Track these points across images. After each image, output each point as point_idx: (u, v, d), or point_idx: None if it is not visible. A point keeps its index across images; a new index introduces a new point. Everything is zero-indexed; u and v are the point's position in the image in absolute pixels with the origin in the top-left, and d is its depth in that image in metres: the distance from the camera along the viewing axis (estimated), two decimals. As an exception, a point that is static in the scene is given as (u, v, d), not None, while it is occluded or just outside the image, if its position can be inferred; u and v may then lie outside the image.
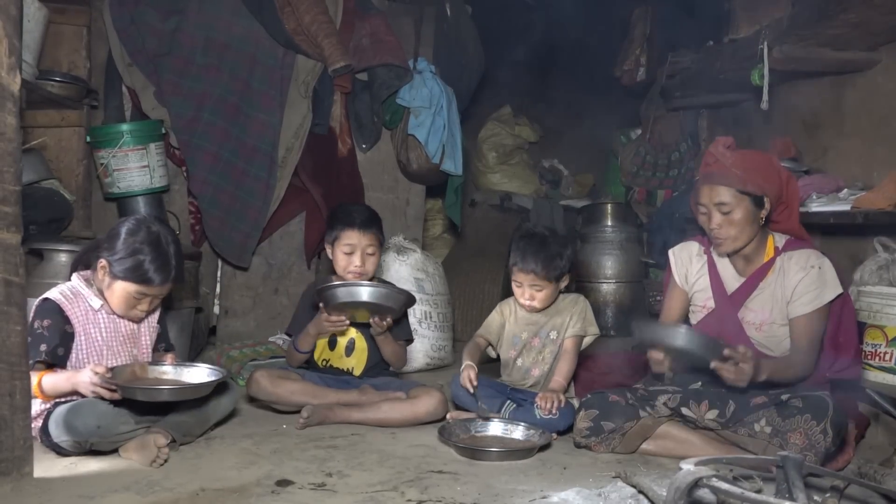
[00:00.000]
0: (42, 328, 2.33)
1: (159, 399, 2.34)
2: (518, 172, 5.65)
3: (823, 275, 2.51)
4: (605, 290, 4.78)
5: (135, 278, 2.39)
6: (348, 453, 2.42)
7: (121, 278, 2.39)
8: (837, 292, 2.51)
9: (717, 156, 2.55)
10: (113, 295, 2.42)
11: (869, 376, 2.69)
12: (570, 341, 2.87)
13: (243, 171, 3.88)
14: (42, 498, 1.94)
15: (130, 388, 2.27)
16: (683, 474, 1.67)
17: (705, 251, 2.73)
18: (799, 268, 2.53)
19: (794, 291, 2.51)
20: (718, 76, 3.91)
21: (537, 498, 2.06)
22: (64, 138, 3.78)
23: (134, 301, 2.43)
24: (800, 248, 2.58)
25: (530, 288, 2.83)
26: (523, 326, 2.91)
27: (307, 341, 2.91)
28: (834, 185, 3.21)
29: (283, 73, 3.95)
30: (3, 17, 1.95)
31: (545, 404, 2.66)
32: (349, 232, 2.91)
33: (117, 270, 2.39)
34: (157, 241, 2.42)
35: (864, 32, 3.02)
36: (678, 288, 2.77)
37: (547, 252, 2.78)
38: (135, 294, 2.42)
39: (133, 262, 2.38)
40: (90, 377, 2.23)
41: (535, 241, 2.81)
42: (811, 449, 2.25)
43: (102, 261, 2.41)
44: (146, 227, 2.44)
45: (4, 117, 1.97)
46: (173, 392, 2.35)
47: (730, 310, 2.62)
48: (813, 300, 2.49)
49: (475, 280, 4.55)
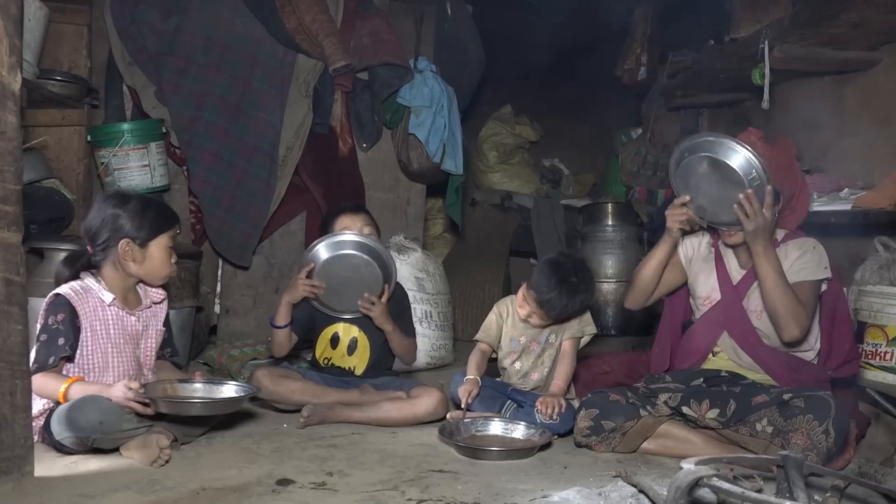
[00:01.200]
0: (57, 323, 2.33)
1: (191, 413, 2.37)
2: (519, 172, 5.65)
3: (818, 254, 2.57)
4: (605, 290, 4.78)
5: (164, 225, 2.49)
6: (349, 452, 2.42)
7: (154, 236, 2.45)
8: (828, 275, 2.56)
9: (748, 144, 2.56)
10: (154, 262, 2.47)
11: (869, 376, 2.70)
12: (569, 343, 2.87)
13: (244, 170, 3.88)
14: (43, 497, 1.94)
15: (165, 402, 2.30)
16: (684, 474, 1.67)
17: (713, 244, 2.76)
18: (796, 248, 2.60)
19: (792, 265, 2.56)
20: (719, 75, 3.91)
21: (538, 497, 2.06)
22: (64, 137, 3.79)
23: (170, 254, 2.51)
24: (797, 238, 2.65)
25: (536, 316, 2.82)
26: (522, 330, 2.90)
27: (281, 312, 2.89)
28: (835, 185, 3.21)
29: (283, 73, 3.95)
30: (4, 16, 1.95)
31: (546, 409, 2.66)
32: (341, 218, 3.00)
33: (145, 234, 2.44)
34: (137, 194, 2.55)
35: (865, 32, 3.02)
36: (679, 263, 2.81)
37: (572, 306, 2.77)
38: (169, 244, 2.49)
39: (152, 215, 2.46)
40: (123, 392, 2.25)
41: (567, 290, 2.73)
42: (813, 449, 2.25)
43: (123, 242, 2.42)
44: (120, 194, 2.52)
45: (5, 116, 1.97)
46: (205, 406, 2.40)
47: (735, 300, 2.65)
48: (810, 270, 2.54)
49: (476, 279, 4.55)
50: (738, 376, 2.62)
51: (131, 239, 2.42)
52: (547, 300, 2.74)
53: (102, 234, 2.44)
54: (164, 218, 2.50)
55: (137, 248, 2.44)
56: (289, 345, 2.96)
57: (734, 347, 2.65)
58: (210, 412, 2.44)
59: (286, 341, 2.94)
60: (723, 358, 2.70)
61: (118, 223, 2.42)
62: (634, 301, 2.84)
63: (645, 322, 4.38)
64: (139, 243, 2.43)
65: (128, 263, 2.45)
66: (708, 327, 2.71)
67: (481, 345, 2.93)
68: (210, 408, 2.43)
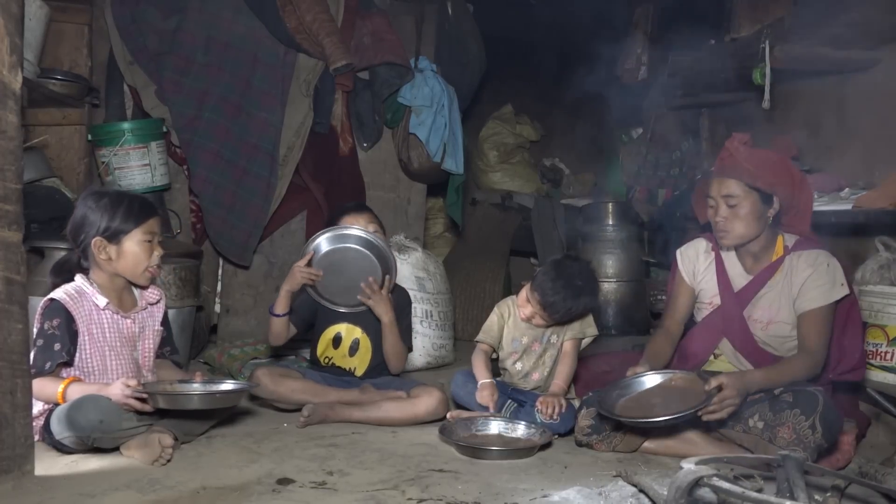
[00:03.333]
0: (53, 328, 2.32)
1: (190, 407, 2.36)
2: (519, 171, 5.65)
3: (832, 272, 2.51)
4: (605, 290, 4.77)
5: (135, 220, 2.39)
6: (349, 452, 2.42)
7: (124, 234, 2.38)
8: (845, 292, 2.50)
9: (731, 150, 2.57)
10: (127, 258, 2.40)
11: (870, 376, 2.70)
12: (570, 344, 2.86)
13: (244, 169, 3.88)
14: (43, 496, 1.94)
15: (163, 396, 2.30)
16: (684, 473, 1.67)
17: (713, 248, 2.74)
18: (807, 265, 2.53)
19: (802, 287, 2.51)
20: (720, 75, 3.91)
21: (538, 497, 2.06)
22: (65, 137, 3.79)
23: (148, 249, 2.42)
24: (809, 248, 2.58)
25: (538, 316, 2.82)
26: (524, 330, 2.90)
27: (280, 301, 2.88)
28: (835, 185, 3.21)
29: (284, 72, 3.95)
30: (5, 15, 1.95)
31: (546, 409, 2.66)
32: (346, 217, 3.01)
33: (114, 231, 2.37)
34: (114, 191, 2.49)
35: (866, 32, 3.02)
36: (685, 284, 2.77)
37: (575, 309, 2.77)
38: (144, 240, 2.40)
39: (121, 211, 2.38)
40: (122, 389, 2.24)
41: (571, 292, 2.73)
42: (799, 444, 2.24)
43: (95, 240, 2.37)
44: (95, 193, 2.45)
45: (6, 115, 1.97)
46: (203, 399, 2.39)
47: (736, 307, 2.62)
48: (821, 296, 2.49)
49: (476, 279, 4.55)
50: (738, 378, 2.62)
51: (102, 236, 2.37)
52: (551, 303, 2.74)
53: (80, 235, 2.41)
54: (135, 212, 2.40)
55: (111, 245, 2.38)
56: (286, 335, 2.95)
57: (734, 353, 2.65)
58: (208, 405, 2.41)
59: (283, 330, 2.93)
60: (723, 361, 2.70)
61: (89, 220, 2.38)
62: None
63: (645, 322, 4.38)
64: (111, 240, 2.38)
65: (104, 262, 2.41)
66: (707, 331, 2.70)
67: (482, 346, 2.92)
68: (208, 401, 2.40)
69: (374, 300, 2.88)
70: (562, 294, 2.72)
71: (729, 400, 2.30)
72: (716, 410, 2.30)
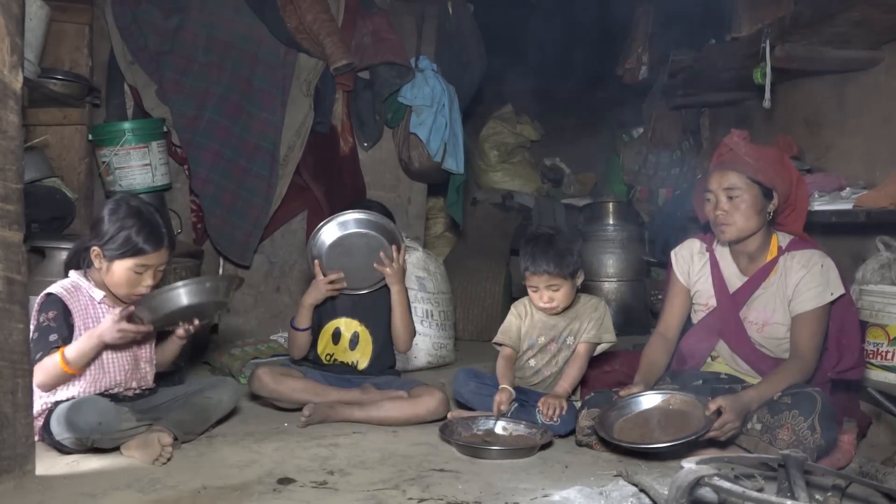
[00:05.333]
0: (48, 320, 2.33)
1: (179, 304, 2.33)
2: (520, 171, 5.65)
3: (826, 273, 2.50)
4: (606, 289, 4.79)
5: (129, 252, 2.38)
6: (350, 451, 2.42)
7: (117, 257, 2.38)
8: (840, 292, 2.50)
9: (731, 145, 2.57)
10: (113, 278, 2.40)
11: (871, 375, 2.69)
12: (584, 346, 2.82)
13: (245, 169, 3.88)
14: (44, 496, 1.94)
15: (150, 298, 2.32)
16: (685, 473, 1.67)
17: (707, 248, 2.73)
18: (801, 266, 2.53)
19: (797, 289, 2.51)
20: (721, 75, 3.91)
21: (539, 496, 2.06)
22: (66, 136, 3.78)
23: (136, 278, 2.40)
24: (803, 248, 2.57)
25: (547, 290, 2.78)
26: (540, 330, 2.87)
27: (304, 315, 2.90)
28: (836, 184, 3.20)
29: (284, 72, 3.95)
30: (6, 15, 1.95)
31: (547, 410, 2.65)
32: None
33: (110, 251, 2.38)
34: (138, 212, 2.42)
35: (867, 31, 3.02)
36: (680, 285, 2.76)
37: (556, 249, 2.75)
38: (134, 269, 2.39)
39: (123, 237, 2.37)
40: (112, 324, 2.26)
41: (542, 241, 2.77)
42: (799, 445, 2.23)
43: (94, 248, 2.40)
44: (125, 204, 2.45)
45: (7, 115, 1.97)
46: (189, 292, 2.34)
47: (731, 308, 2.61)
48: (815, 297, 2.49)
49: (477, 278, 4.55)
50: (736, 379, 2.62)
51: (100, 248, 2.39)
52: (532, 258, 2.75)
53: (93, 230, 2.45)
54: (136, 242, 2.38)
55: (105, 260, 2.40)
56: (307, 346, 2.98)
57: (731, 355, 2.65)
58: (196, 299, 2.36)
59: (306, 344, 2.96)
60: (721, 363, 2.70)
61: (99, 227, 2.41)
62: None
63: (645, 321, 4.38)
64: (105, 256, 2.39)
65: (99, 269, 2.43)
66: (703, 333, 2.69)
67: (505, 349, 2.87)
68: (196, 292, 2.35)
69: (390, 272, 2.90)
70: (532, 243, 2.77)
71: (729, 424, 2.30)
72: (718, 436, 2.31)
